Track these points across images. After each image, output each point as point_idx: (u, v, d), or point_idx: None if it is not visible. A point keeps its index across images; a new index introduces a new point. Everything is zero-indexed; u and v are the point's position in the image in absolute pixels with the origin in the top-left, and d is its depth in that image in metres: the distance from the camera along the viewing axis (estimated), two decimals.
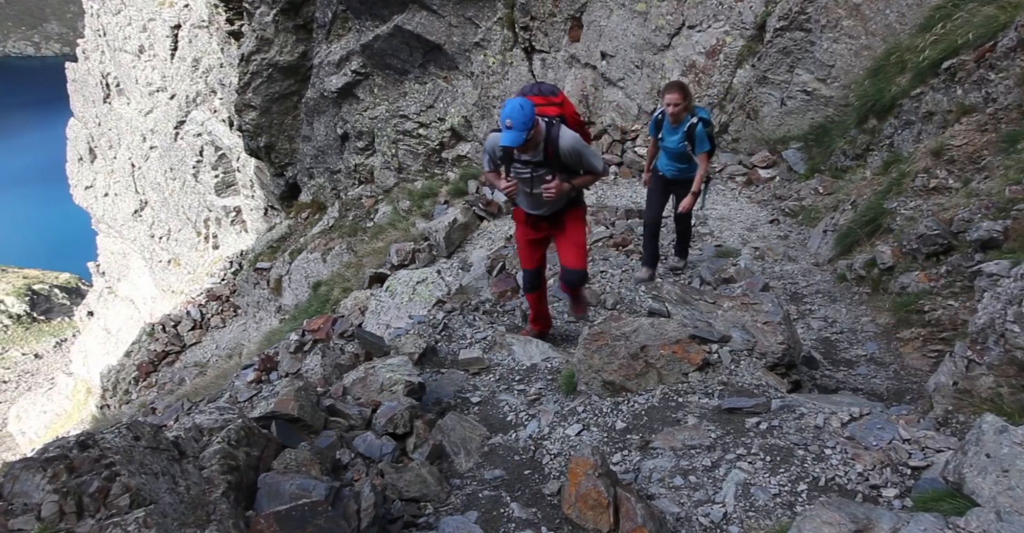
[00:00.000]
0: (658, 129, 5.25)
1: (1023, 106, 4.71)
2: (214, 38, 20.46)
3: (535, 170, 3.90)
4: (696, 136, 5.00)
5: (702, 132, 4.99)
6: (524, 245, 4.47)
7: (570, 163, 3.89)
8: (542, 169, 3.89)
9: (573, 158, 3.86)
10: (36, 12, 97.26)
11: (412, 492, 2.88)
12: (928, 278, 4.39)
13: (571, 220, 4.28)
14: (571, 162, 3.89)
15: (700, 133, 4.99)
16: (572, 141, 3.82)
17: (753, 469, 2.61)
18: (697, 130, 4.98)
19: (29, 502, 2.01)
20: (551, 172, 3.87)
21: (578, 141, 3.85)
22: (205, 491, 2.31)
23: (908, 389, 3.80)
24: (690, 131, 5.00)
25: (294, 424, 3.09)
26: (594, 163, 3.97)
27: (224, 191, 23.77)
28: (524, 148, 3.76)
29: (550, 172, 3.87)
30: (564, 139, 3.80)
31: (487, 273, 6.98)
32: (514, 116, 3.56)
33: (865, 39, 7.52)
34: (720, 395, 3.16)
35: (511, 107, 3.59)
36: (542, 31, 11.41)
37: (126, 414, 13.26)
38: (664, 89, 5.10)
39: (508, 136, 3.60)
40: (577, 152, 3.85)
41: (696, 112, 5.05)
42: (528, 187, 3.97)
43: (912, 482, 2.35)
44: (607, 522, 2.44)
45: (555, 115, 3.91)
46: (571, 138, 3.81)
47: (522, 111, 3.57)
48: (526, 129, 3.59)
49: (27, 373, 36.65)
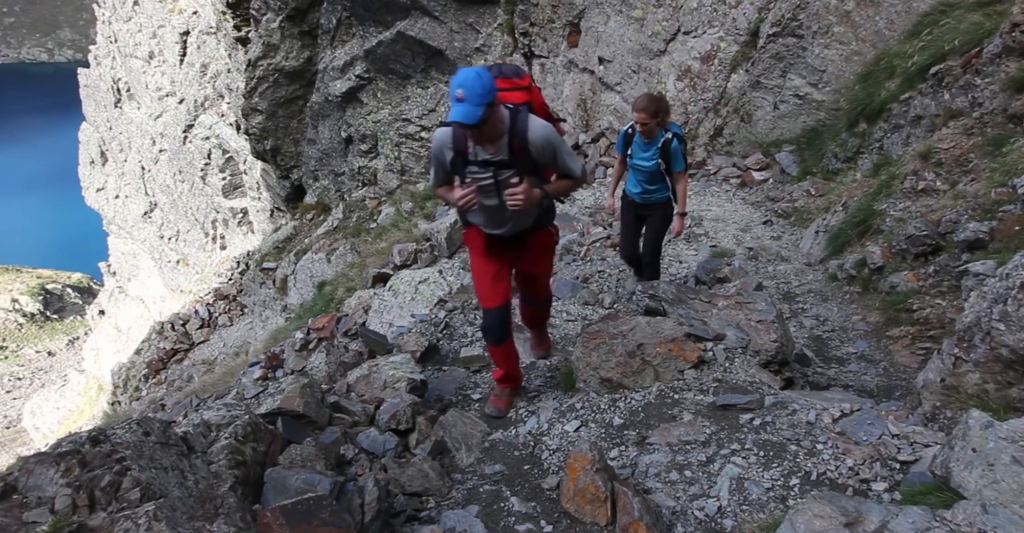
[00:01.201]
0: (627, 145, 4.56)
1: (1008, 110, 4.71)
2: (222, 44, 20.45)
3: (497, 173, 2.95)
4: (672, 153, 4.36)
5: (678, 148, 4.37)
6: (484, 276, 3.37)
7: (542, 161, 3.00)
8: (506, 171, 2.95)
9: (546, 155, 2.96)
10: (50, 19, 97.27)
11: (414, 487, 2.89)
12: (917, 278, 4.39)
13: (538, 248, 3.40)
14: (543, 160, 2.99)
15: (676, 150, 4.36)
16: (544, 132, 2.91)
17: (747, 464, 2.61)
18: (673, 146, 4.34)
19: (43, 495, 2.01)
20: (518, 173, 2.94)
21: (552, 133, 2.95)
22: (213, 485, 2.32)
23: (897, 386, 3.80)
24: (665, 147, 4.34)
25: (299, 420, 3.09)
26: (571, 164, 3.06)
27: (231, 193, 23.78)
28: (481, 138, 2.84)
29: (517, 173, 2.94)
30: (534, 130, 2.89)
31: None
32: (468, 84, 2.62)
33: (855, 45, 7.52)
34: (715, 392, 3.16)
35: (464, 75, 2.66)
36: (541, 37, 11.41)
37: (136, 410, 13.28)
38: (635, 102, 4.32)
39: (459, 110, 2.63)
40: (551, 146, 2.95)
41: (670, 127, 4.41)
42: (490, 196, 3.00)
43: (901, 476, 2.35)
44: (605, 516, 2.44)
45: (522, 102, 3.02)
46: (542, 128, 2.91)
47: (479, 79, 2.63)
48: (483, 103, 2.63)
49: (41, 370, 36.68)
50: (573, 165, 3.07)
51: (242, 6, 16.64)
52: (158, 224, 28.45)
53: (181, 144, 24.51)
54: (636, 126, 4.36)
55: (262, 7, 15.21)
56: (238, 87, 18.15)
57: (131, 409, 14.91)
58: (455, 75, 2.69)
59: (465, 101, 2.62)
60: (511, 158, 2.93)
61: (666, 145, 4.34)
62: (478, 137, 2.84)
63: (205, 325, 18.40)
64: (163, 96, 25.02)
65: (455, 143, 2.94)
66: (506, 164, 2.94)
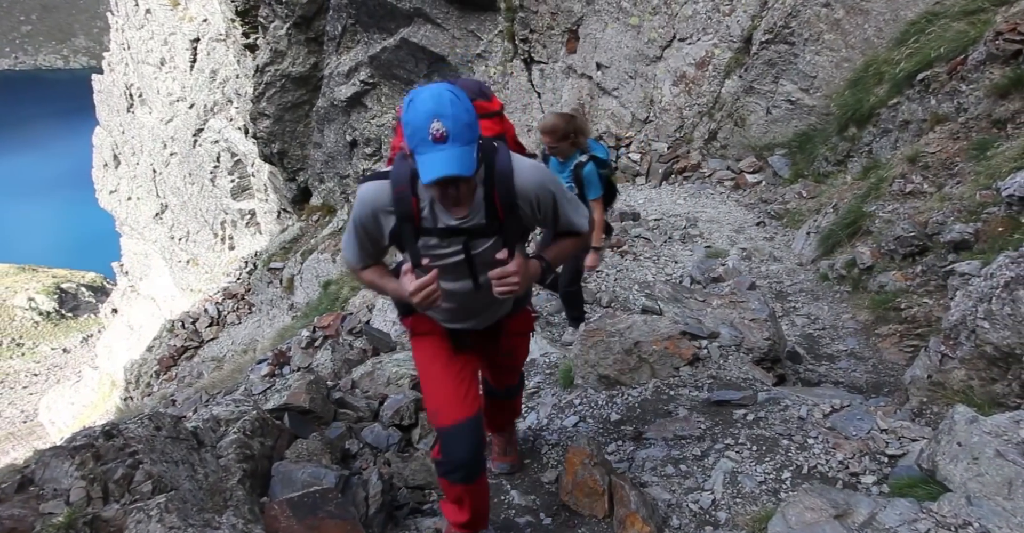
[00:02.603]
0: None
1: (992, 115, 4.71)
2: (231, 51, 20.46)
3: (470, 244, 1.89)
4: (585, 177, 3.67)
5: (592, 172, 3.68)
6: (444, 380, 2.14)
7: (533, 220, 1.98)
8: (483, 241, 1.90)
9: (542, 209, 1.94)
10: (65, 27, 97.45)
11: (417, 480, 2.89)
12: (905, 277, 4.38)
13: (515, 334, 2.32)
14: (537, 216, 1.96)
15: (589, 174, 3.67)
16: (537, 177, 1.90)
17: (740, 458, 2.61)
18: (586, 170, 3.67)
19: (59, 487, 2.02)
20: (505, 242, 1.90)
21: (547, 176, 1.95)
22: (222, 478, 2.32)
23: (886, 382, 3.80)
24: (577, 171, 3.68)
25: (306, 416, 3.10)
26: (574, 218, 2.02)
27: (240, 195, 23.80)
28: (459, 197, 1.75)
29: (501, 242, 1.91)
30: (523, 175, 1.86)
31: None
32: (448, 113, 1.61)
33: (845, 52, 7.52)
34: (709, 388, 3.16)
35: (436, 99, 1.62)
36: (540, 43, 11.42)
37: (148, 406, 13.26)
38: (540, 122, 3.76)
39: (443, 158, 1.60)
40: (549, 197, 1.93)
41: (590, 148, 3.75)
42: (459, 278, 1.95)
43: (889, 469, 2.35)
44: (602, 508, 2.44)
45: (493, 135, 1.99)
46: (534, 172, 1.90)
47: (459, 103, 1.64)
48: (474, 140, 1.66)
49: (56, 366, 36.69)
50: (577, 218, 2.03)
51: (250, 14, 16.67)
52: (169, 225, 28.45)
53: (191, 148, 24.53)
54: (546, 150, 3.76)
55: (270, 15, 15.23)
56: (246, 92, 18.16)
57: (143, 404, 14.90)
58: (414, 100, 1.65)
59: (449, 140, 1.60)
60: (490, 221, 1.88)
61: (578, 168, 3.68)
62: (455, 196, 1.75)
63: (214, 323, 18.41)
64: (174, 101, 25.03)
65: (398, 205, 1.84)
66: (483, 231, 1.88)
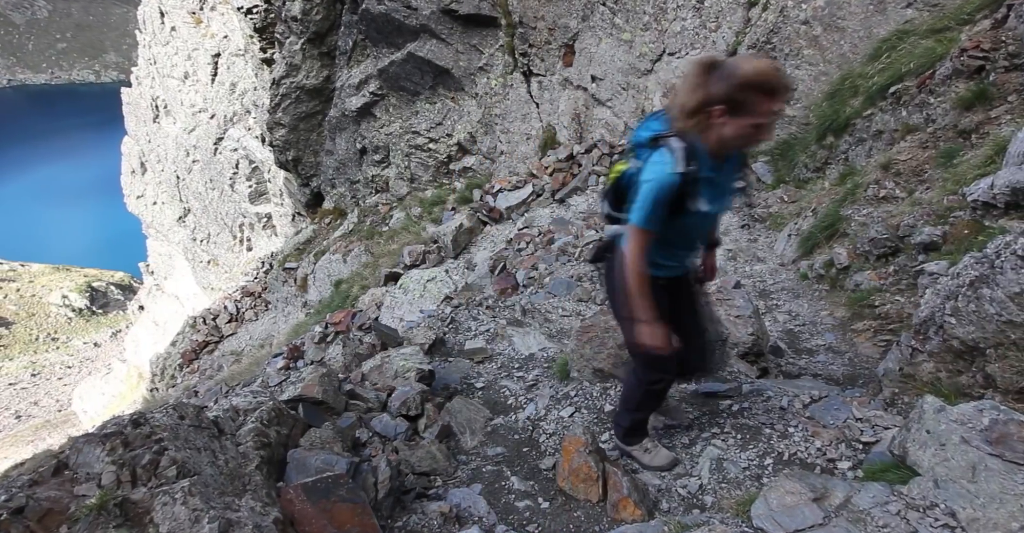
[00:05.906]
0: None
1: (958, 126, 4.71)
2: (249, 65, 20.45)
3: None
4: None
5: None
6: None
7: None
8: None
9: None
10: (97, 44, 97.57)
11: (423, 467, 2.89)
12: (878, 277, 4.38)
13: None
14: None
15: None
16: None
17: (726, 446, 2.61)
18: None
19: (91, 472, 2.03)
20: None
21: None
22: (241, 464, 2.32)
23: (861, 374, 3.80)
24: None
25: (318, 406, 3.10)
26: None
27: (257, 199, 23.78)
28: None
29: None
30: None
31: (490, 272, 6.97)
32: None
33: (823, 66, 7.52)
34: (697, 381, 3.16)
35: None
36: (539, 57, 11.41)
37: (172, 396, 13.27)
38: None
39: None
40: None
41: None
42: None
43: (863, 456, 2.36)
44: (596, 493, 2.45)
45: None
46: None
47: None
48: None
49: (88, 360, 36.71)
50: None
51: (268, 30, 16.67)
52: (191, 228, 28.44)
53: (212, 155, 24.52)
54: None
55: (285, 31, 15.22)
56: (263, 103, 18.15)
57: (167, 395, 14.90)
58: None
59: None
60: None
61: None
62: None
63: (233, 319, 18.39)
64: (196, 112, 25.02)
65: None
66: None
